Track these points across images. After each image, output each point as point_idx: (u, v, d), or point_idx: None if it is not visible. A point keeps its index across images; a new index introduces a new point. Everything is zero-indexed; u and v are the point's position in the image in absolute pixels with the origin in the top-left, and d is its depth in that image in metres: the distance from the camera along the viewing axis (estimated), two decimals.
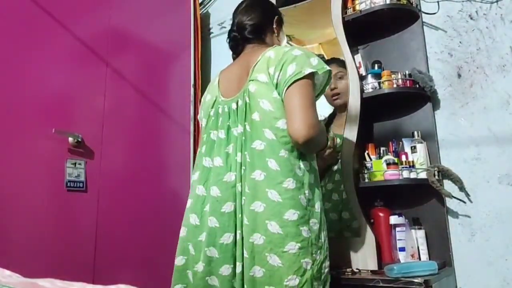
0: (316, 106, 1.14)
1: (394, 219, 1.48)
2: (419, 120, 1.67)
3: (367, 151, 1.64)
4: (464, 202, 1.56)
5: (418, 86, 1.61)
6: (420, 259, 1.48)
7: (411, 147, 1.59)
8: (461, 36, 1.69)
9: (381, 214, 1.52)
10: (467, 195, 1.57)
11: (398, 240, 1.46)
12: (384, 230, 1.49)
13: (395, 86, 1.61)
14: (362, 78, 1.66)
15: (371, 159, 1.61)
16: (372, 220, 1.53)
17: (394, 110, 1.72)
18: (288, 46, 1.32)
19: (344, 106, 1.68)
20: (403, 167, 1.53)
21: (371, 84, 1.64)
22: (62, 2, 1.69)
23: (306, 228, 1.07)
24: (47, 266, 1.44)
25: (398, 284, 1.24)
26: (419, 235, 1.51)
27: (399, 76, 1.62)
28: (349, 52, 1.65)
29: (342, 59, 1.71)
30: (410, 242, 1.48)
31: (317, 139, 1.11)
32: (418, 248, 1.50)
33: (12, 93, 1.48)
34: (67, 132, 1.59)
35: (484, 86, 1.61)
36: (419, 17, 1.72)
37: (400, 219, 1.48)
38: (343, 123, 1.64)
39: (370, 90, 1.63)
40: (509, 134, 1.53)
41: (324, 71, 1.15)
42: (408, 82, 1.62)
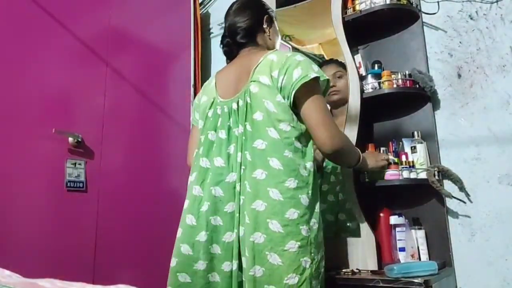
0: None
1: (394, 219, 1.48)
2: (419, 120, 1.67)
3: (367, 151, 1.63)
4: (464, 202, 1.56)
5: (418, 86, 1.61)
6: (420, 259, 1.48)
7: (411, 147, 1.59)
8: (461, 36, 1.69)
9: (381, 214, 1.52)
10: (467, 195, 1.57)
11: (398, 240, 1.46)
12: (384, 230, 1.50)
13: (395, 86, 1.61)
14: (362, 78, 1.66)
15: None
16: (372, 220, 1.52)
17: (394, 110, 1.72)
18: (288, 51, 1.33)
19: (340, 102, 1.70)
20: (403, 167, 1.53)
21: (371, 84, 1.64)
22: (62, 2, 1.69)
23: (306, 227, 1.08)
24: (47, 266, 1.44)
25: (398, 284, 1.23)
26: (419, 235, 1.51)
27: (399, 76, 1.62)
28: (349, 52, 1.65)
29: (340, 60, 1.73)
30: (410, 242, 1.48)
31: (344, 149, 1.18)
32: (418, 248, 1.50)
33: (12, 93, 1.48)
34: (67, 132, 1.59)
35: (484, 86, 1.61)
36: (419, 17, 1.72)
37: (400, 219, 1.48)
38: (339, 124, 1.64)
39: (370, 90, 1.63)
40: (509, 134, 1.53)
41: (324, 79, 1.19)
42: (408, 82, 1.62)
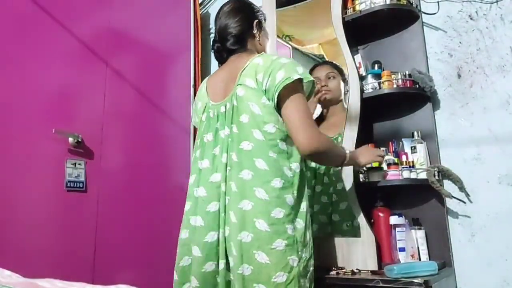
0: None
1: (394, 219, 1.48)
2: (419, 120, 1.67)
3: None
4: (464, 202, 1.56)
5: (418, 86, 1.61)
6: (420, 259, 1.48)
7: (411, 147, 1.59)
8: (461, 36, 1.69)
9: (381, 214, 1.52)
10: (467, 195, 1.57)
11: (398, 240, 1.46)
12: (384, 230, 1.49)
13: (395, 86, 1.61)
14: (362, 78, 1.66)
15: None
16: (372, 220, 1.52)
17: (394, 110, 1.72)
18: (275, 54, 1.32)
19: (329, 101, 1.74)
20: (403, 167, 1.53)
21: (371, 84, 1.64)
22: (62, 2, 1.69)
23: (291, 226, 1.10)
24: (47, 266, 1.44)
25: (398, 285, 1.24)
26: (419, 235, 1.51)
27: (399, 76, 1.62)
28: (349, 52, 1.65)
29: (336, 63, 1.77)
30: (410, 242, 1.47)
31: (321, 150, 1.16)
32: (418, 248, 1.50)
33: (12, 93, 1.48)
34: (67, 132, 1.59)
35: (484, 86, 1.61)
36: (419, 17, 1.72)
37: (400, 219, 1.48)
38: (331, 125, 1.68)
39: (370, 90, 1.64)
40: (509, 134, 1.53)
41: (308, 80, 1.20)
42: (408, 82, 1.62)
